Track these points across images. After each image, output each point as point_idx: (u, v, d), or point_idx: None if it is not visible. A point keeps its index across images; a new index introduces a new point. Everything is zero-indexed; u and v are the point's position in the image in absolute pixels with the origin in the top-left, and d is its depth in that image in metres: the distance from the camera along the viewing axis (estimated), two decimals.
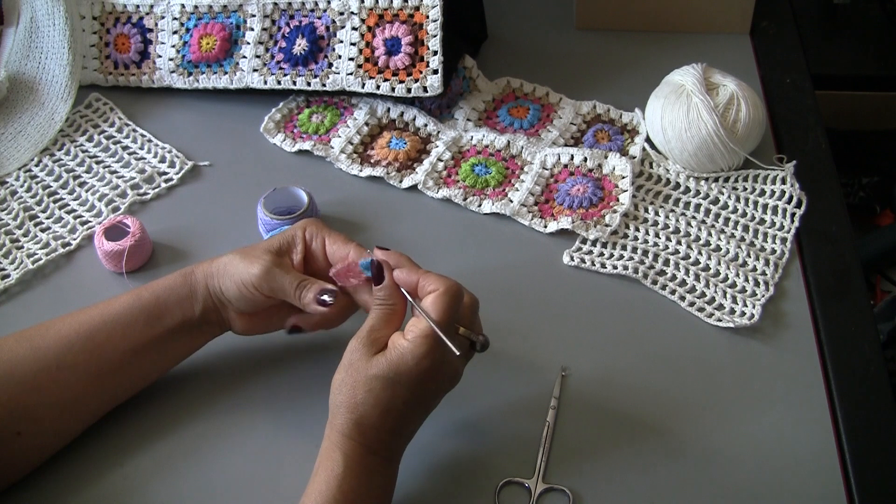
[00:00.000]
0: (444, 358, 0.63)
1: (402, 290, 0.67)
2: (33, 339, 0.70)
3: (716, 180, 0.93)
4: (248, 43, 1.05)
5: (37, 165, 1.01)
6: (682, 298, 0.82)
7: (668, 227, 0.89)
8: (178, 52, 1.07)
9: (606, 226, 0.89)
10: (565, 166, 0.95)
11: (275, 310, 0.74)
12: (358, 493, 0.62)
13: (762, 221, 0.89)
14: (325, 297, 0.70)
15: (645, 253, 0.87)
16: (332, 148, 1.00)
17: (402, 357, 0.62)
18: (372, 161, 0.98)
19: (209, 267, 0.73)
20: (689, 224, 0.89)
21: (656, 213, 0.90)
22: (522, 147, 0.97)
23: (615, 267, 0.85)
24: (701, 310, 0.82)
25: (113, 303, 0.73)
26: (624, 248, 0.88)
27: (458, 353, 0.63)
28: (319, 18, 1.03)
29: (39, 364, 0.69)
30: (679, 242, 0.87)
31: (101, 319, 0.71)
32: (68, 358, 0.70)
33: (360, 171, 0.97)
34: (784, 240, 0.87)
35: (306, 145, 1.00)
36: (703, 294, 0.83)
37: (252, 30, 1.05)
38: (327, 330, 0.75)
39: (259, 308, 0.73)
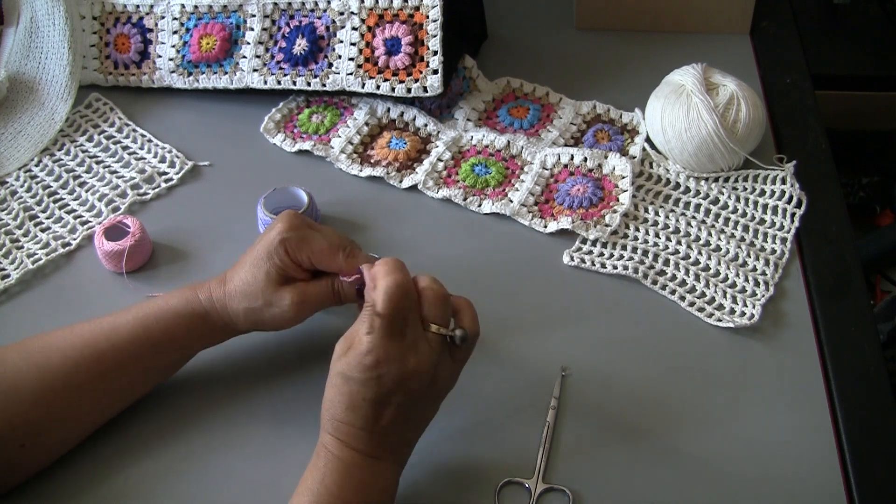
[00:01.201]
0: (399, 356, 0.61)
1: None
2: (36, 357, 0.69)
3: (716, 180, 0.93)
4: (248, 43, 1.05)
5: (37, 165, 1.01)
6: (682, 298, 0.82)
7: (668, 227, 0.89)
8: (178, 52, 1.07)
9: (606, 226, 0.89)
10: (565, 166, 0.95)
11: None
12: (341, 486, 0.61)
13: (762, 221, 0.89)
14: (360, 287, 0.70)
15: (645, 253, 0.87)
16: (332, 148, 1.00)
17: (354, 351, 0.61)
18: (372, 161, 0.98)
19: (225, 313, 0.71)
20: (689, 224, 0.89)
21: (656, 213, 0.90)
22: (522, 147, 0.97)
23: (615, 267, 0.85)
24: (701, 310, 0.82)
25: (120, 330, 0.70)
26: (624, 248, 0.88)
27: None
28: (319, 18, 1.03)
29: (45, 384, 0.68)
30: (679, 242, 0.87)
31: (109, 344, 0.70)
32: (75, 379, 0.69)
33: (360, 171, 0.97)
34: (784, 240, 0.87)
35: (306, 145, 1.00)
36: (703, 294, 0.83)
37: (252, 30, 1.05)
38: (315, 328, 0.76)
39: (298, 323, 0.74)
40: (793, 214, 0.90)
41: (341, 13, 1.02)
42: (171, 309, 0.71)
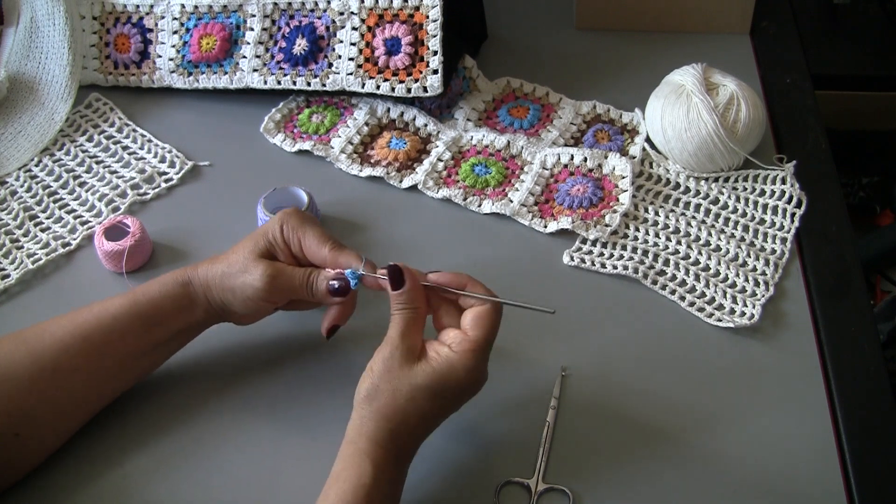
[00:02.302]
0: (485, 369, 0.65)
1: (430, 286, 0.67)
2: (30, 342, 0.70)
3: (716, 180, 0.93)
4: (248, 43, 1.05)
5: (37, 165, 1.01)
6: (682, 298, 0.82)
7: (668, 227, 0.89)
8: (178, 52, 1.07)
9: (606, 226, 0.89)
10: (565, 166, 0.95)
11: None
12: (381, 503, 0.61)
13: (762, 221, 0.89)
14: (334, 284, 0.69)
15: (645, 253, 0.87)
16: (332, 148, 1.00)
17: (453, 369, 0.63)
18: (372, 161, 0.98)
19: (206, 278, 0.72)
20: (689, 224, 0.89)
21: (656, 213, 0.90)
22: (522, 147, 0.97)
23: (615, 267, 0.85)
24: (701, 310, 0.82)
25: (108, 308, 0.71)
26: (624, 248, 0.88)
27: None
28: (319, 18, 1.03)
29: (37, 367, 0.69)
30: (679, 242, 0.87)
31: (98, 324, 0.70)
32: (66, 362, 0.69)
33: (360, 171, 0.97)
34: (784, 240, 0.87)
35: (306, 145, 1.00)
36: (703, 294, 0.83)
37: (252, 30, 1.05)
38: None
39: (269, 312, 0.74)
40: (793, 214, 0.90)
41: (341, 13, 1.02)
42: (158, 281, 0.73)
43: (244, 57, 1.05)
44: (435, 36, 0.99)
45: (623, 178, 0.93)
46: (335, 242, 0.71)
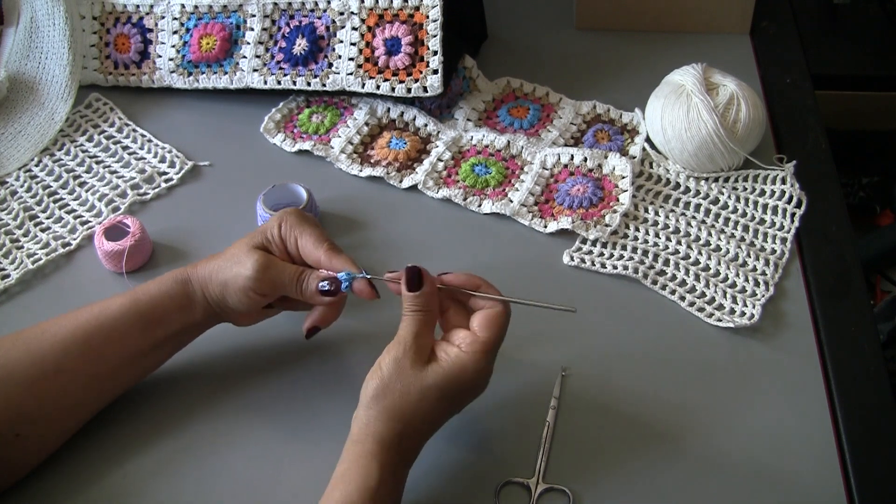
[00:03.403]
0: (491, 370, 0.66)
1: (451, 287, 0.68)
2: (30, 343, 0.70)
3: (716, 180, 0.93)
4: (248, 43, 1.05)
5: (37, 165, 1.01)
6: (682, 298, 0.82)
7: (668, 227, 0.89)
8: (178, 52, 1.07)
9: (606, 226, 0.89)
10: (565, 166, 0.95)
11: (275, 302, 0.75)
12: (379, 496, 0.61)
13: (762, 221, 0.89)
14: (325, 285, 0.69)
15: (645, 253, 0.87)
16: (332, 148, 1.00)
17: (464, 369, 0.63)
18: (372, 161, 0.98)
19: (203, 274, 0.72)
20: (689, 224, 0.89)
21: (656, 213, 0.90)
22: (522, 147, 0.97)
23: (615, 267, 0.85)
24: (701, 310, 0.82)
25: (108, 307, 0.71)
26: (624, 248, 0.88)
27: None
28: (319, 18, 1.03)
29: (37, 368, 0.68)
30: (679, 242, 0.87)
31: (98, 324, 0.70)
32: (66, 362, 0.69)
33: (360, 171, 0.97)
34: (784, 240, 0.87)
35: (306, 145, 1.00)
36: (703, 294, 0.83)
37: (252, 30, 1.05)
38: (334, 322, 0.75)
39: (260, 306, 0.73)
40: (793, 214, 0.90)
41: (341, 13, 1.02)
42: (158, 280, 0.73)
43: (244, 57, 1.05)
44: (435, 36, 0.99)
45: (623, 178, 0.93)
46: (332, 245, 0.71)
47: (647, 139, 0.98)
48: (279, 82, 1.03)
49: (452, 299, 0.68)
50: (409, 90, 1.00)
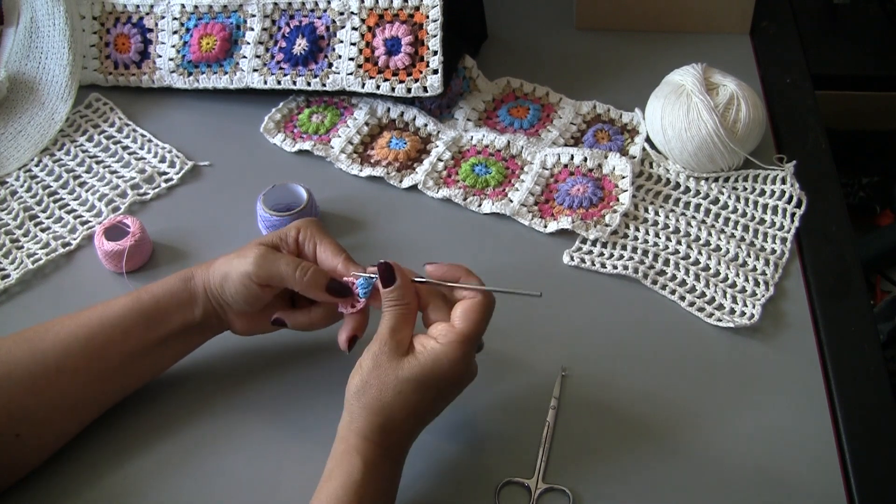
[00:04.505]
0: (472, 362, 0.65)
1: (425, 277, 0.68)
2: (32, 342, 0.70)
3: (716, 180, 0.93)
4: (248, 43, 1.05)
5: (37, 165, 1.01)
6: (682, 298, 0.82)
7: (668, 227, 0.89)
8: (178, 52, 1.07)
9: (606, 226, 0.89)
10: (565, 166, 0.95)
11: (274, 309, 0.74)
12: (373, 498, 0.61)
13: (762, 221, 0.89)
14: (335, 283, 0.69)
15: (645, 253, 0.87)
16: (332, 148, 1.00)
17: (438, 360, 0.63)
18: (372, 161, 0.98)
19: (206, 271, 0.73)
20: (689, 224, 0.89)
21: (656, 213, 0.90)
22: (522, 147, 0.97)
23: (615, 267, 0.85)
24: (701, 310, 0.82)
25: (112, 306, 0.72)
26: (624, 248, 0.88)
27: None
28: (319, 18, 1.03)
29: (38, 367, 0.69)
30: (679, 242, 0.87)
31: (100, 323, 0.71)
32: (68, 362, 0.69)
33: (360, 171, 0.97)
34: (784, 240, 0.87)
35: (306, 145, 1.00)
36: (703, 294, 0.83)
37: (252, 30, 1.05)
38: (310, 331, 0.74)
39: (260, 305, 0.73)
40: (793, 214, 0.90)
41: (341, 13, 1.02)
42: (162, 284, 0.73)
43: (244, 57, 1.05)
44: (435, 36, 0.99)
45: (623, 177, 0.93)
46: (349, 256, 0.72)
47: (647, 139, 0.98)
48: (279, 82, 1.03)
49: (434, 294, 0.68)
50: (409, 90, 1.00)
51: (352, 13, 1.02)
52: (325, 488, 0.61)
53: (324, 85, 1.02)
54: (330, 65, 1.02)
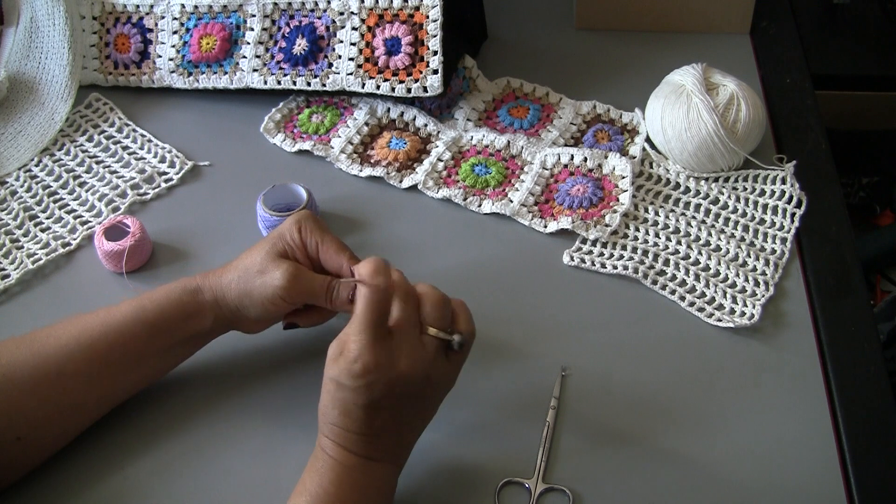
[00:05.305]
0: (388, 361, 0.60)
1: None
2: (34, 346, 0.70)
3: (716, 180, 0.93)
4: (248, 43, 1.05)
5: (37, 165, 1.01)
6: (682, 298, 0.82)
7: (668, 227, 0.89)
8: (178, 52, 1.07)
9: (606, 226, 0.89)
10: (565, 166, 0.95)
11: (293, 315, 0.74)
12: (339, 487, 0.61)
13: (762, 221, 0.89)
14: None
15: (645, 253, 0.87)
16: (332, 148, 1.00)
17: (344, 358, 0.60)
18: (372, 161, 0.98)
19: (217, 283, 0.72)
20: (689, 224, 0.89)
21: (656, 213, 0.90)
22: (522, 147, 0.97)
23: (615, 267, 0.85)
24: (701, 310, 0.82)
25: (114, 313, 0.71)
26: (624, 248, 0.88)
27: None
28: (319, 18, 1.03)
29: (40, 371, 0.68)
30: (679, 242, 0.87)
31: (103, 329, 0.70)
32: (69, 366, 0.69)
33: (360, 171, 0.97)
34: (784, 240, 0.87)
35: (306, 145, 1.00)
36: (703, 294, 0.83)
37: (252, 30, 1.05)
38: (321, 324, 0.75)
39: (282, 315, 0.73)
40: (793, 214, 0.90)
41: (341, 13, 1.02)
42: (166, 288, 0.73)
43: (244, 57, 1.05)
44: (435, 36, 0.99)
45: (623, 178, 0.93)
46: (352, 253, 0.72)
47: (647, 139, 0.98)
48: (279, 82, 1.03)
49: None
50: (409, 90, 1.00)
51: (352, 13, 1.02)
52: (300, 482, 0.63)
53: (324, 85, 1.02)
54: (330, 65, 1.02)
